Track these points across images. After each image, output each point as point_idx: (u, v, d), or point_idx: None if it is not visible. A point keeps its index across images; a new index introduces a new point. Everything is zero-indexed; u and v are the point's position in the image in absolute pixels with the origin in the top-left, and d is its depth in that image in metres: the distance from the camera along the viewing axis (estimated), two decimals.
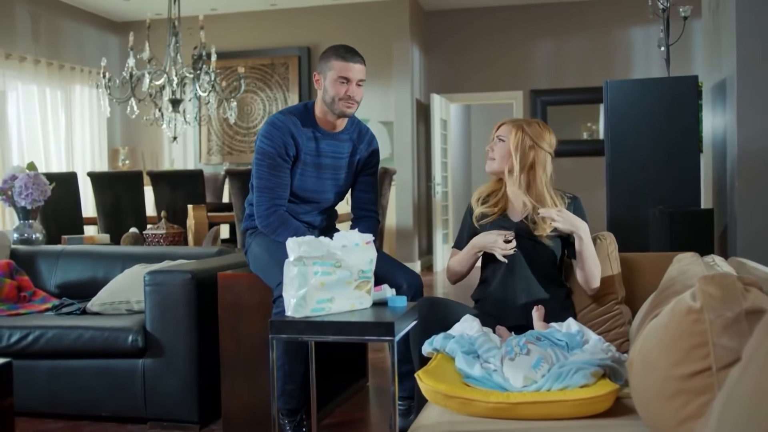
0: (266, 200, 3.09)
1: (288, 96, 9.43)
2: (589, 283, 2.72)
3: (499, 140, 2.81)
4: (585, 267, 2.70)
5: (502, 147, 2.80)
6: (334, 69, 3.05)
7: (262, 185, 3.10)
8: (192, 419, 3.30)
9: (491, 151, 2.84)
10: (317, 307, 2.37)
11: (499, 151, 2.81)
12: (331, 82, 3.06)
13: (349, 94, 3.06)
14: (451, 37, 9.50)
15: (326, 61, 3.09)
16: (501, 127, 2.85)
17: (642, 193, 4.64)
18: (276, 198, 3.09)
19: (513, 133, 2.78)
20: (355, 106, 3.12)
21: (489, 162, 2.85)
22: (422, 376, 2.10)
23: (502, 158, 2.80)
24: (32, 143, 8.31)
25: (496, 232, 2.73)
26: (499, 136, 2.82)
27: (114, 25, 9.85)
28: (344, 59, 3.05)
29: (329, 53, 3.10)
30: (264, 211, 3.09)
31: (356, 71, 3.07)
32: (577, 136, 9.27)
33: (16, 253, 4.17)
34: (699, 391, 1.51)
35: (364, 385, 3.97)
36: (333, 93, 3.06)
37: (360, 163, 3.32)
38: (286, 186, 3.12)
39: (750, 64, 3.87)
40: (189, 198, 6.14)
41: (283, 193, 3.11)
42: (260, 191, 3.10)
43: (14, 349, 3.37)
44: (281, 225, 3.06)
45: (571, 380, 2.01)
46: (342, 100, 3.07)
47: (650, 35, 8.69)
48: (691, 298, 1.55)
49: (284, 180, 3.11)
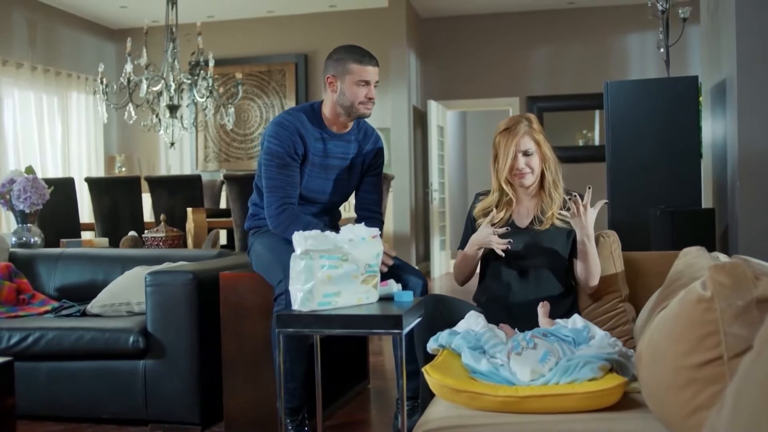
0: (276, 199, 3.06)
1: (285, 103, 9.44)
2: (589, 282, 2.72)
3: (526, 155, 2.77)
4: (587, 267, 2.70)
5: (534, 158, 2.77)
6: (353, 73, 3.05)
7: (272, 185, 3.07)
8: (193, 421, 3.28)
9: (526, 167, 2.77)
10: (324, 301, 2.36)
11: (533, 162, 2.77)
12: (349, 86, 3.05)
13: (369, 97, 3.08)
14: (448, 44, 9.53)
15: (342, 64, 3.06)
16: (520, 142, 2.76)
17: (643, 194, 4.64)
18: (286, 197, 3.06)
19: (539, 141, 2.77)
20: (372, 107, 3.14)
21: (528, 176, 2.78)
22: (429, 370, 2.09)
23: (537, 168, 2.78)
24: (29, 150, 8.29)
25: (490, 228, 2.72)
26: (526, 151, 2.76)
27: (111, 33, 9.85)
28: (362, 63, 3.06)
29: (344, 56, 3.07)
30: (274, 210, 3.05)
31: (374, 73, 3.10)
32: (572, 142, 9.31)
33: (15, 256, 4.14)
34: (710, 380, 1.51)
35: (365, 387, 3.96)
36: (352, 97, 3.06)
37: (366, 164, 3.32)
38: (295, 185, 3.10)
39: (750, 65, 3.88)
40: (187, 203, 6.11)
41: (293, 191, 3.09)
42: (270, 191, 3.07)
43: (14, 351, 3.34)
44: (293, 222, 3.01)
45: (579, 374, 2.00)
46: (362, 103, 3.08)
47: (646, 41, 8.74)
48: (702, 287, 1.55)
49: (294, 179, 3.09)
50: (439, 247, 9.55)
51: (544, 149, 2.79)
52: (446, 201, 10.19)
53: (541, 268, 2.75)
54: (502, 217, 2.81)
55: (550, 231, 2.76)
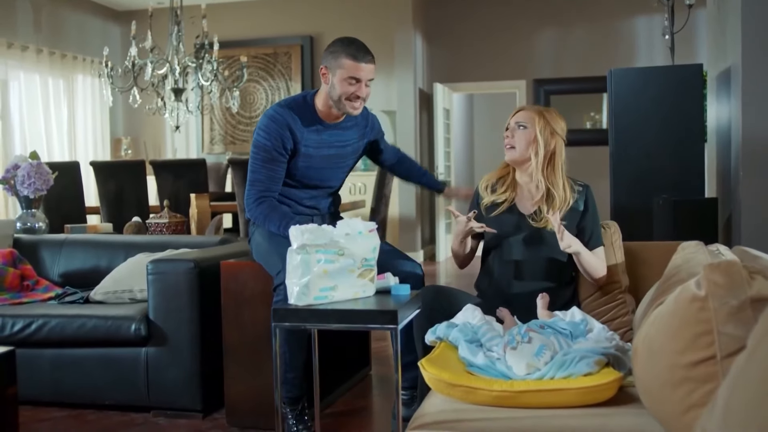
0: (255, 192, 3.05)
1: (291, 85, 9.41)
2: (593, 276, 2.72)
3: (520, 127, 2.74)
4: (585, 268, 2.72)
5: (524, 134, 2.72)
6: (344, 68, 2.98)
7: (254, 178, 3.07)
8: (195, 408, 3.31)
9: (510, 138, 2.74)
10: (320, 295, 2.36)
11: (520, 138, 2.73)
12: (339, 80, 2.99)
13: (357, 94, 3.02)
14: (454, 26, 9.46)
15: (336, 57, 3.00)
16: (519, 113, 2.77)
17: (646, 182, 4.62)
18: (265, 190, 3.06)
19: (536, 119, 2.72)
20: (361, 106, 3.08)
21: (509, 151, 2.75)
22: (425, 364, 2.09)
23: (524, 146, 2.73)
24: (34, 133, 8.30)
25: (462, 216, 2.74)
26: (520, 122, 2.74)
27: (116, 14, 9.82)
28: (355, 59, 2.98)
29: (339, 50, 3.01)
30: (252, 202, 3.05)
31: (367, 71, 3.01)
32: (580, 125, 9.25)
33: (19, 242, 4.17)
34: (704, 379, 1.51)
35: (367, 374, 3.98)
36: (341, 92, 3.00)
37: (371, 139, 3.34)
38: (278, 179, 3.09)
39: (755, 53, 3.84)
40: (191, 187, 6.12)
41: (274, 186, 3.08)
42: (251, 184, 3.07)
43: (18, 338, 3.38)
44: (270, 212, 3.01)
45: (574, 368, 2.00)
46: (349, 99, 3.02)
47: (654, 25, 8.66)
48: (696, 286, 1.54)
49: (278, 173, 3.07)
50: (444, 231, 9.55)
51: (539, 133, 2.71)
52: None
53: (542, 257, 2.74)
54: (507, 198, 2.80)
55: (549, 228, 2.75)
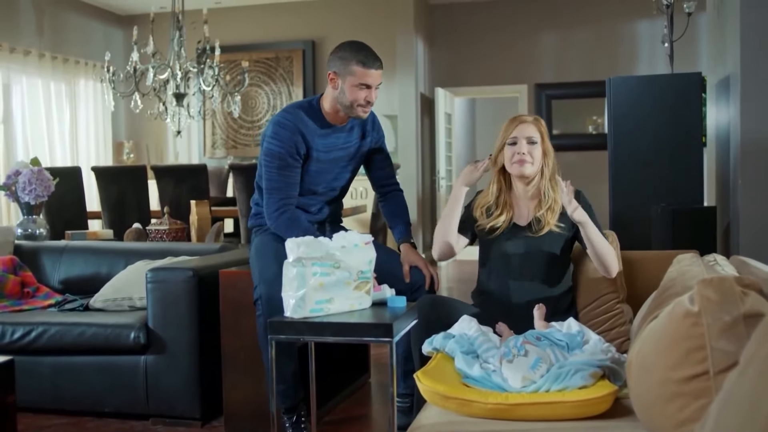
0: (275, 201, 3.05)
1: (292, 90, 9.43)
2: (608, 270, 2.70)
3: (530, 143, 2.76)
4: (597, 254, 2.67)
5: (536, 149, 2.76)
6: (354, 75, 2.99)
7: (271, 186, 3.06)
8: (194, 415, 3.32)
9: (527, 155, 2.75)
10: (316, 308, 2.37)
11: (535, 153, 2.76)
12: (350, 87, 3.01)
13: (368, 100, 3.04)
14: (456, 31, 9.47)
15: (345, 64, 3.01)
16: (525, 128, 2.78)
17: (645, 190, 4.62)
18: (285, 198, 3.06)
19: (541, 132, 2.78)
20: (370, 110, 3.12)
21: (527, 166, 2.75)
22: (421, 376, 2.10)
23: (539, 160, 2.77)
24: (37, 137, 8.32)
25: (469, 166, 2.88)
26: (531, 138, 2.76)
27: (118, 19, 9.84)
28: (365, 65, 3.00)
29: (348, 56, 3.02)
30: (274, 212, 3.05)
31: (377, 77, 3.04)
32: (581, 130, 9.25)
33: (20, 248, 4.18)
34: (696, 394, 1.51)
35: (366, 381, 3.98)
36: (352, 98, 3.02)
37: (372, 144, 3.31)
38: (295, 185, 3.09)
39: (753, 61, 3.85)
40: (192, 193, 6.12)
41: (293, 192, 3.08)
42: (269, 192, 3.06)
43: (17, 346, 3.40)
44: (292, 224, 3.01)
45: (570, 381, 2.01)
46: (360, 105, 3.05)
47: (656, 29, 8.66)
48: (689, 302, 1.55)
49: (294, 179, 3.07)
50: None
51: (547, 144, 2.79)
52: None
53: (540, 267, 2.74)
54: (504, 219, 2.80)
55: (548, 234, 2.75)
